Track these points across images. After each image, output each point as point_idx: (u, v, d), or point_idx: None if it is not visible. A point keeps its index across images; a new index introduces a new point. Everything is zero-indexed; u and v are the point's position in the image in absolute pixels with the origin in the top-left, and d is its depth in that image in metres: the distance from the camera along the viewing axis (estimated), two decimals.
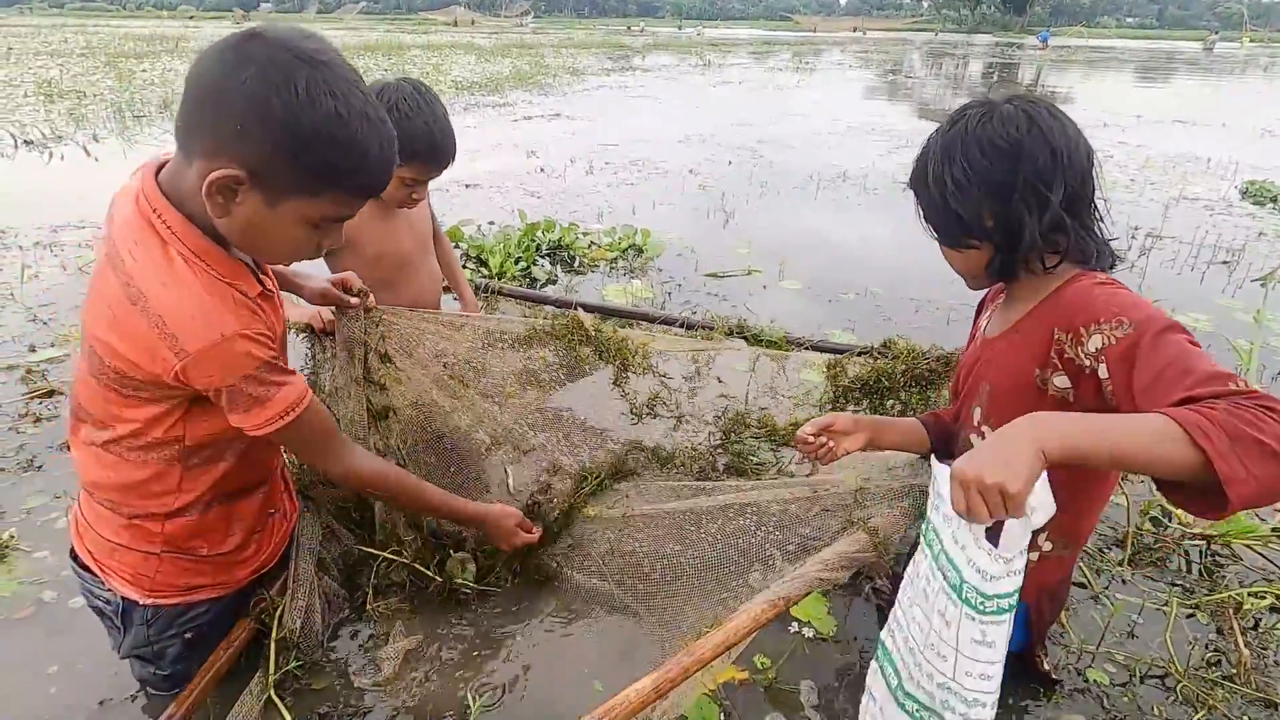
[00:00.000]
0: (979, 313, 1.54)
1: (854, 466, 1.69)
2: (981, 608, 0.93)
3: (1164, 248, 4.54)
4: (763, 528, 1.57)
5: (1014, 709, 1.51)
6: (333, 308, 1.64)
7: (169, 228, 1.06)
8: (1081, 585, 1.84)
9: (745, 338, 2.10)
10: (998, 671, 0.96)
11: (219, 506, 1.31)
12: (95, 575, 1.33)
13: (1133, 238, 4.66)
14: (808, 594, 1.31)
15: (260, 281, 1.19)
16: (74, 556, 1.34)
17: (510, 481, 1.89)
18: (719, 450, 1.94)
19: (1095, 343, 1.09)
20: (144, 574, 1.30)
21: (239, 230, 1.05)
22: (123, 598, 1.32)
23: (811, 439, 1.46)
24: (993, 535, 0.91)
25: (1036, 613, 1.45)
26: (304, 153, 0.98)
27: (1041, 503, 0.89)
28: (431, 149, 1.69)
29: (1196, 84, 17.94)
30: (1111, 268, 1.24)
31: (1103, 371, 1.08)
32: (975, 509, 0.88)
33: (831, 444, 1.47)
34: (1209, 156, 7.53)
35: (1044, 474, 0.89)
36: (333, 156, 1.00)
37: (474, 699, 1.45)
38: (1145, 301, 1.11)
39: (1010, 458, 0.88)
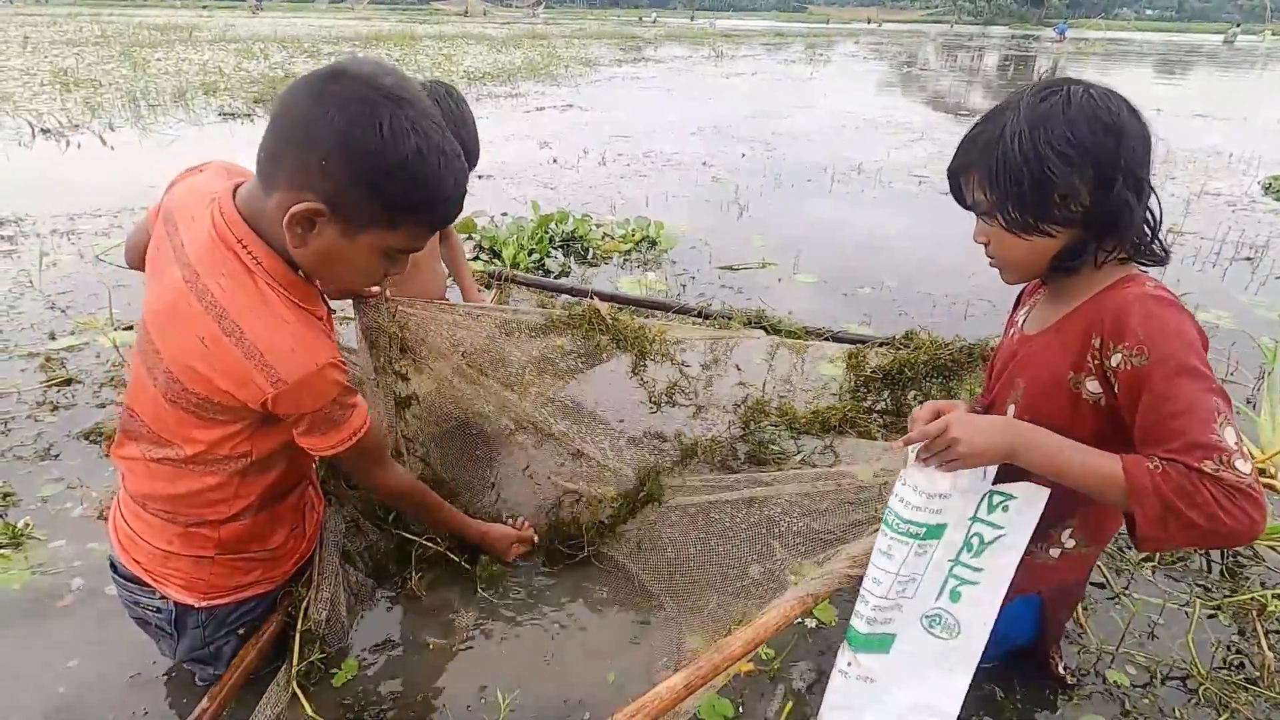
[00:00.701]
0: (1016, 306, 1.50)
1: (874, 460, 1.68)
2: (895, 526, 1.19)
3: (1185, 244, 4.47)
4: (787, 516, 1.57)
5: (1031, 709, 1.50)
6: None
7: (255, 259, 1.09)
8: (1100, 585, 1.82)
9: (764, 327, 2.08)
10: (888, 580, 1.21)
11: (268, 508, 1.33)
12: (145, 585, 1.32)
13: None
14: (837, 590, 1.31)
15: (328, 305, 1.24)
16: (114, 568, 1.35)
17: (530, 470, 1.88)
18: (740, 440, 1.93)
19: (1115, 360, 1.11)
20: (199, 578, 1.32)
21: (314, 259, 1.08)
22: (176, 603, 1.33)
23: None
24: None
25: (1051, 609, 1.43)
26: (384, 187, 1.02)
27: (970, 485, 1.16)
28: (473, 160, 1.73)
29: (1217, 78, 17.67)
30: (1164, 263, 1.21)
31: (1116, 387, 1.12)
32: (930, 443, 1.13)
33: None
34: (1231, 151, 7.41)
35: (989, 470, 1.16)
36: (412, 191, 1.04)
37: (503, 697, 1.45)
38: (1180, 330, 1.07)
39: (985, 445, 1.10)
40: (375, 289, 1.64)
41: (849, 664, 1.28)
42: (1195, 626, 1.70)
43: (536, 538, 1.76)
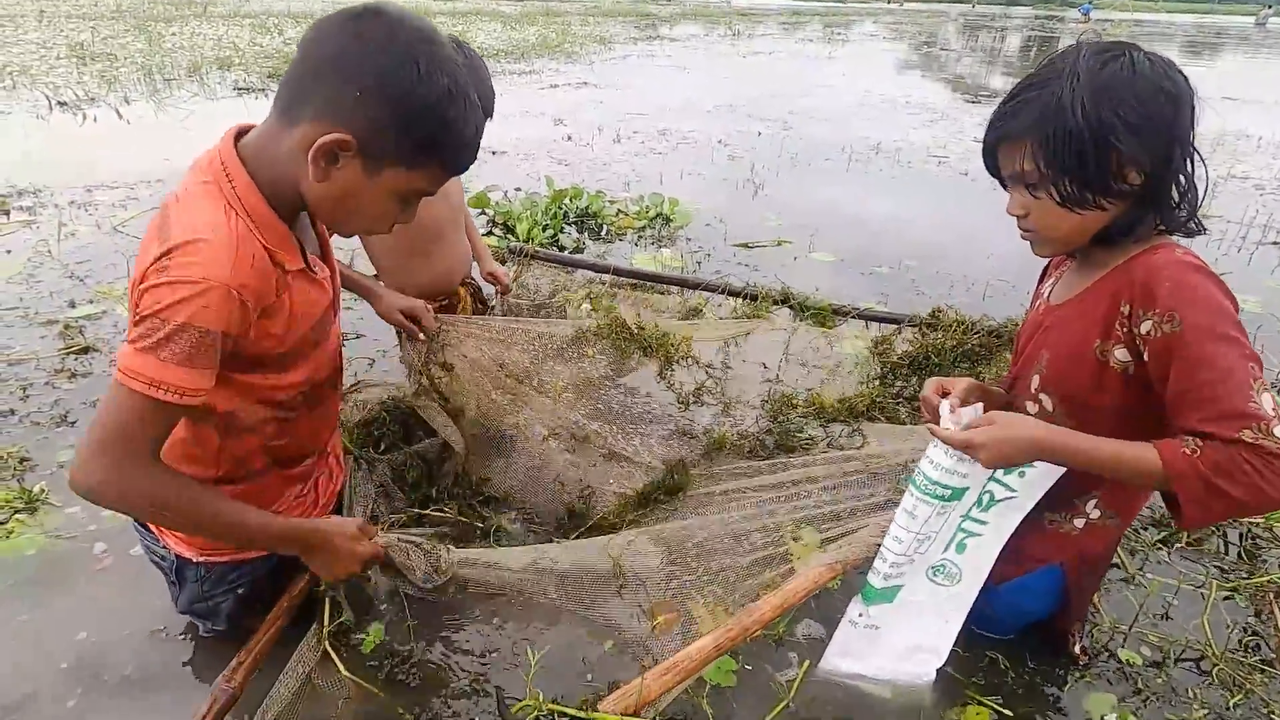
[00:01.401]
0: (1042, 278, 1.46)
1: (901, 440, 1.68)
2: (922, 487, 1.21)
3: (1212, 227, 4.36)
4: (818, 486, 1.59)
5: (1040, 684, 1.49)
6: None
7: (234, 188, 1.07)
8: (1115, 565, 1.80)
9: (790, 305, 2.07)
10: (908, 539, 1.25)
11: (273, 473, 1.33)
12: (152, 533, 1.36)
13: None
14: (867, 558, 1.33)
15: (307, 261, 1.18)
16: None
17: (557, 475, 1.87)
18: (767, 434, 1.93)
19: (1145, 327, 1.08)
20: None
21: (333, 196, 1.07)
22: (176, 555, 1.35)
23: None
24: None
25: (1075, 583, 1.41)
26: (414, 125, 1.02)
27: (971, 470, 1.19)
28: (489, 111, 1.75)
29: (1247, 60, 17.22)
30: (1196, 234, 1.17)
31: (1145, 354, 1.09)
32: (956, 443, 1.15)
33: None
34: (1260, 135, 7.24)
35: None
36: (438, 132, 1.04)
37: (533, 654, 1.46)
38: (1211, 295, 1.04)
39: (1010, 457, 1.12)
40: (420, 335, 1.75)
41: (859, 615, 1.35)
42: (1210, 608, 1.68)
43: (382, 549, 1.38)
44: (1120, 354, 1.14)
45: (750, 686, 1.46)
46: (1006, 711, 1.41)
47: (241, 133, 1.12)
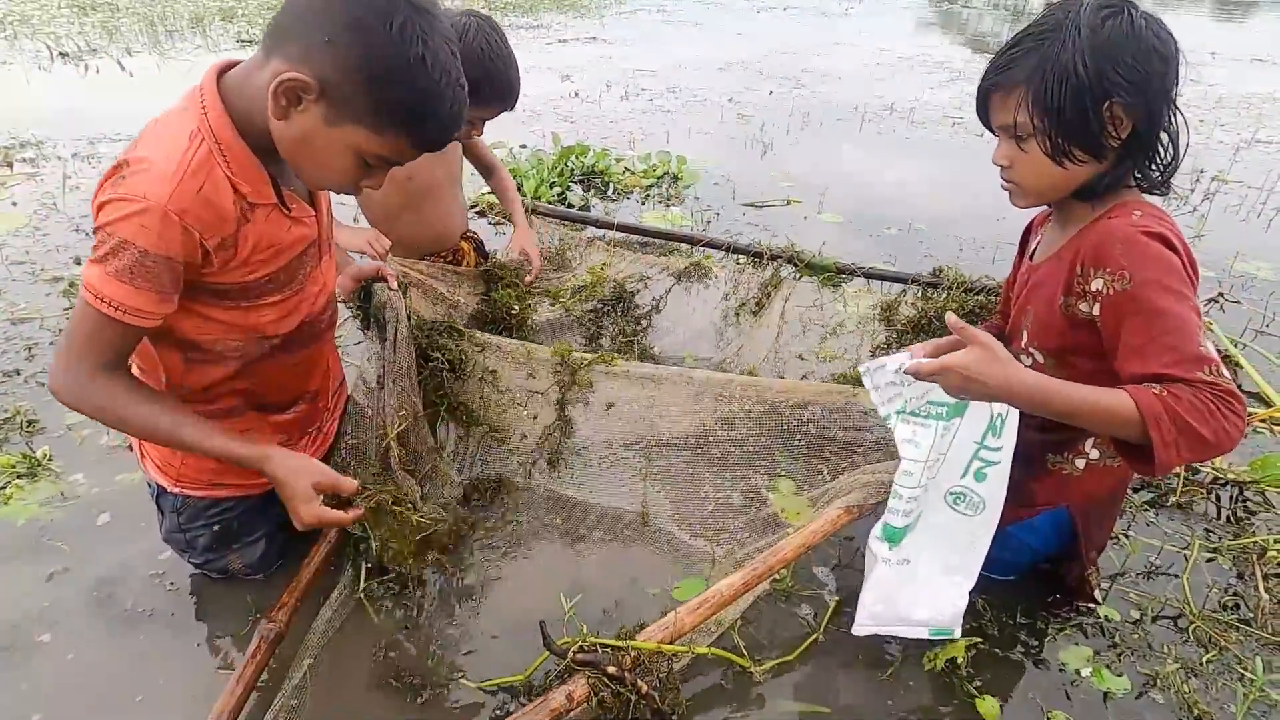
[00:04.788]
0: (1027, 235, 1.51)
1: None
2: (916, 412, 1.26)
3: (1230, 192, 4.29)
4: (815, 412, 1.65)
5: (1017, 633, 1.53)
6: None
7: (206, 115, 1.07)
8: None
9: (795, 264, 2.09)
10: (918, 469, 1.28)
11: (250, 415, 1.35)
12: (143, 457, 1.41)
13: (1197, 181, 4.40)
14: (881, 500, 1.39)
15: (280, 196, 1.17)
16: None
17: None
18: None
19: (1096, 285, 1.14)
20: (170, 463, 1.36)
21: (291, 139, 1.06)
22: (155, 483, 1.39)
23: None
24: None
25: (1083, 526, 1.44)
26: (378, 85, 1.00)
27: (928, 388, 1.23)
28: (510, 95, 1.73)
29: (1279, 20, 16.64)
30: (1164, 193, 1.22)
31: (1095, 311, 1.16)
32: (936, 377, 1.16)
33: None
34: None
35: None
36: (405, 98, 1.02)
37: (565, 601, 1.49)
38: (1160, 255, 1.09)
39: (982, 389, 1.12)
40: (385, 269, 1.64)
41: (889, 552, 1.37)
42: (1192, 568, 1.69)
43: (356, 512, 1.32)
44: (1084, 306, 1.20)
45: (780, 622, 1.53)
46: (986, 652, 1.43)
47: (228, 66, 1.12)
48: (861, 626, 1.41)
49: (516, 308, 2.01)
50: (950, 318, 1.16)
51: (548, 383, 1.78)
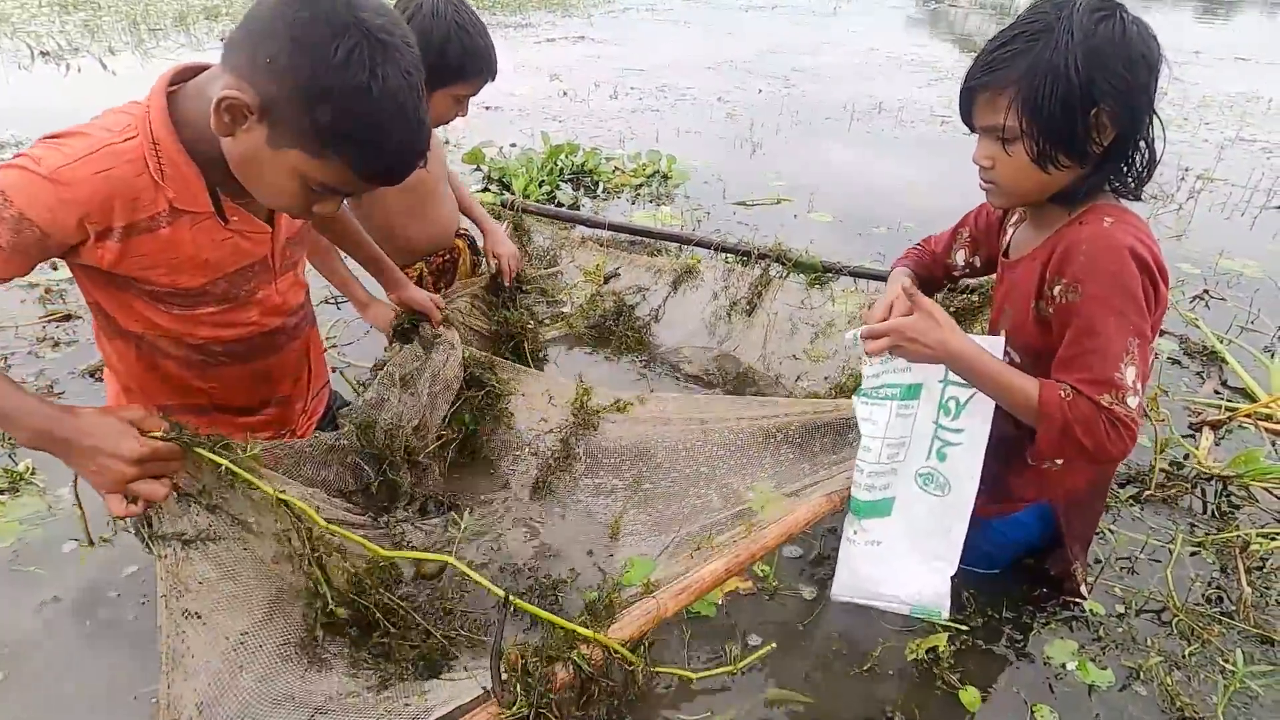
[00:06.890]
0: (999, 232, 1.53)
1: None
2: (870, 394, 1.34)
3: (1215, 190, 4.33)
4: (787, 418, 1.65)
5: (1001, 626, 1.54)
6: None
7: (149, 117, 1.06)
8: None
9: (783, 263, 2.09)
10: (876, 445, 1.35)
11: (215, 415, 1.35)
12: None
13: (1181, 179, 4.44)
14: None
15: (219, 206, 1.14)
16: None
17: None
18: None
19: (1055, 290, 1.20)
20: None
21: (238, 156, 1.04)
22: None
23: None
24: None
25: (1066, 520, 1.46)
26: (317, 111, 0.96)
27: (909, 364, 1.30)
28: (492, 64, 1.70)
29: (1265, 18, 16.83)
30: (1136, 199, 1.25)
31: (1051, 311, 1.22)
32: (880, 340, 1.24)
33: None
34: (1271, 97, 7.09)
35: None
36: (346, 127, 0.98)
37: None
38: (1116, 271, 1.12)
39: (921, 350, 1.21)
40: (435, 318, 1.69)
41: (855, 532, 1.42)
42: (1176, 562, 1.71)
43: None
44: (1049, 310, 1.24)
45: (769, 606, 1.54)
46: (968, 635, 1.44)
47: (184, 70, 1.12)
48: (838, 595, 1.49)
49: (531, 323, 2.05)
50: (904, 283, 1.23)
51: (559, 417, 1.79)
